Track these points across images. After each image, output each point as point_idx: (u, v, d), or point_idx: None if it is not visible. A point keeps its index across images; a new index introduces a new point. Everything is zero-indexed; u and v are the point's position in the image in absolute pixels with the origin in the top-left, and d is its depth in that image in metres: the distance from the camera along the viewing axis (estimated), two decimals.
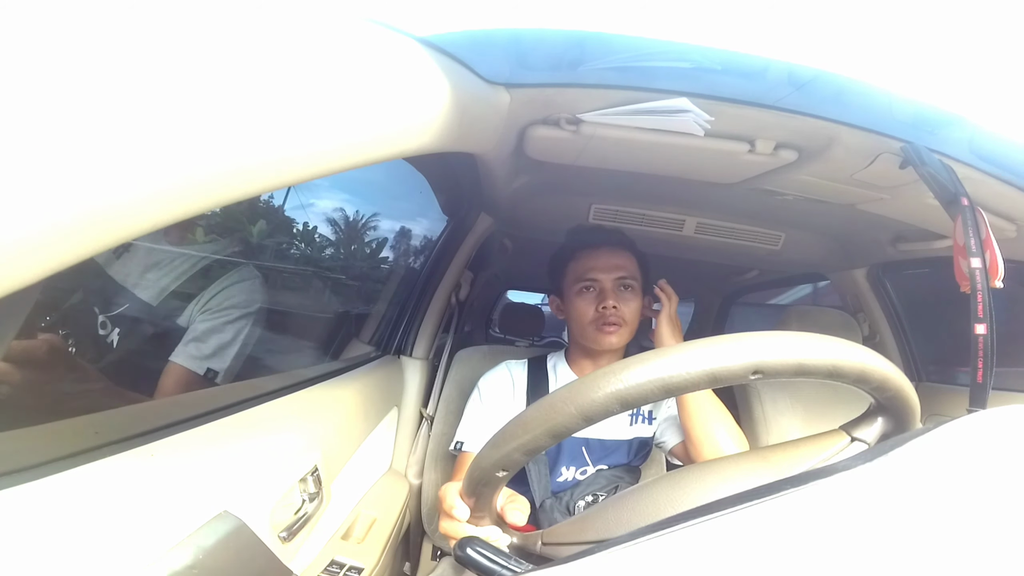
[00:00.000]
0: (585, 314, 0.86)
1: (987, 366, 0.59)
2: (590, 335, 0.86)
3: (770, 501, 0.27)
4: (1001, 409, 0.33)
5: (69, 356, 0.64)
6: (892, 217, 0.93)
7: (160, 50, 0.25)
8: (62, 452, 0.36)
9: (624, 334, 0.85)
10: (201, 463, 0.44)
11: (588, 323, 0.86)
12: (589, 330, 0.86)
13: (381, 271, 1.55)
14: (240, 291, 0.84)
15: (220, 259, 0.86)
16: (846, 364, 0.34)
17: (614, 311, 0.84)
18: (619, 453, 0.89)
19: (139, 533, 0.36)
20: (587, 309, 0.86)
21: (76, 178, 0.22)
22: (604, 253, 0.88)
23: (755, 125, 0.67)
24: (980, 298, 0.60)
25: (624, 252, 0.90)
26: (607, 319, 0.84)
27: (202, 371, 0.77)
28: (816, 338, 0.34)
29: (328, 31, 0.35)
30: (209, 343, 0.79)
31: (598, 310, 0.85)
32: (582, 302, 0.87)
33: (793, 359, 0.33)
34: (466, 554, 0.37)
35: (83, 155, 0.22)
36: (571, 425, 0.33)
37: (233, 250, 0.92)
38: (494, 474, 0.38)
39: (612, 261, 0.87)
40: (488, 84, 0.56)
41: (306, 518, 0.55)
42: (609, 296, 0.84)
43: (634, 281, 0.88)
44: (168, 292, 0.79)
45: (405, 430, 1.05)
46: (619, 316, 0.84)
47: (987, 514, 0.24)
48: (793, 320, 1.28)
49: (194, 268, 0.82)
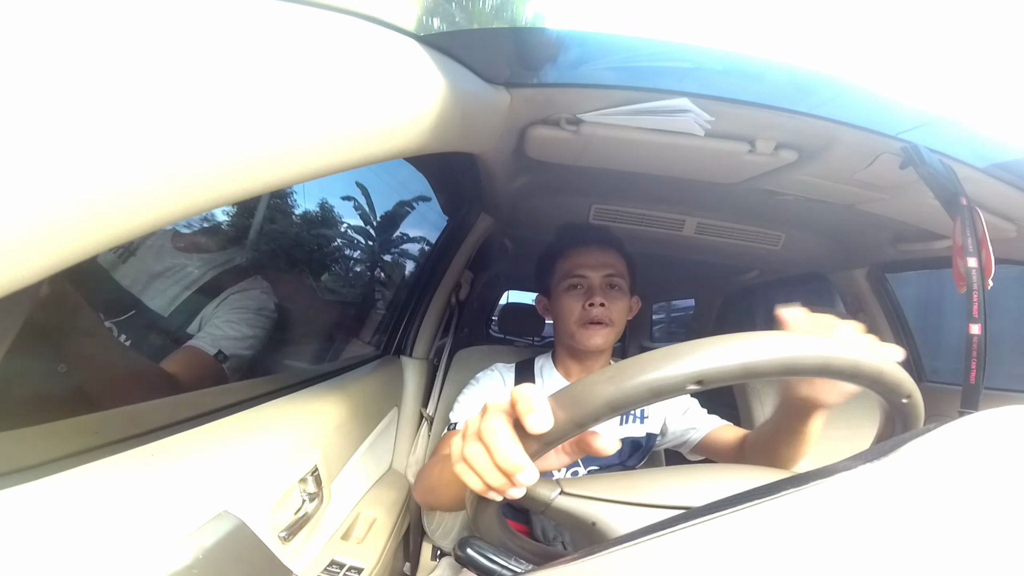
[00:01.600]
0: (571, 312, 0.85)
1: (980, 367, 0.59)
2: (575, 334, 0.85)
3: (770, 501, 0.27)
4: (1000, 410, 0.33)
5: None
6: (892, 217, 0.93)
7: (159, 49, 0.25)
8: (62, 452, 0.36)
9: (609, 335, 0.85)
10: (201, 463, 0.44)
11: (574, 321, 0.85)
12: (575, 329, 0.85)
13: (381, 271, 1.55)
14: (251, 297, 0.86)
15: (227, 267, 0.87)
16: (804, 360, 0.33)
17: (601, 309, 0.83)
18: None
19: (139, 533, 0.36)
20: (574, 307, 0.85)
21: (74, 177, 0.22)
22: (593, 251, 0.88)
23: (755, 125, 0.67)
24: (976, 298, 0.60)
25: (613, 251, 0.89)
26: (593, 317, 0.83)
27: (213, 351, 0.78)
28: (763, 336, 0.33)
29: (328, 30, 0.35)
30: (223, 332, 0.81)
31: (584, 308, 0.84)
32: (569, 299, 0.86)
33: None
34: (466, 554, 0.37)
35: (79, 153, 0.22)
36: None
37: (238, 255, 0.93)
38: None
39: (601, 259, 0.87)
40: (488, 84, 0.56)
41: (306, 518, 0.55)
42: (597, 293, 0.84)
43: (622, 280, 0.87)
44: (179, 300, 0.81)
45: (405, 430, 1.05)
46: (606, 315, 0.84)
47: (986, 514, 0.24)
48: None
49: (204, 276, 0.83)
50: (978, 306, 0.59)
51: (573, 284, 0.87)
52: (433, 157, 0.53)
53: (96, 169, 0.23)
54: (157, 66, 0.25)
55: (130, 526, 0.36)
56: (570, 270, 0.87)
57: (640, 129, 0.66)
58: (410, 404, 1.08)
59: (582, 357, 0.90)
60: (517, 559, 0.40)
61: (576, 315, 0.85)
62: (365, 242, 1.51)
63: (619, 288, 0.87)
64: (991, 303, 0.61)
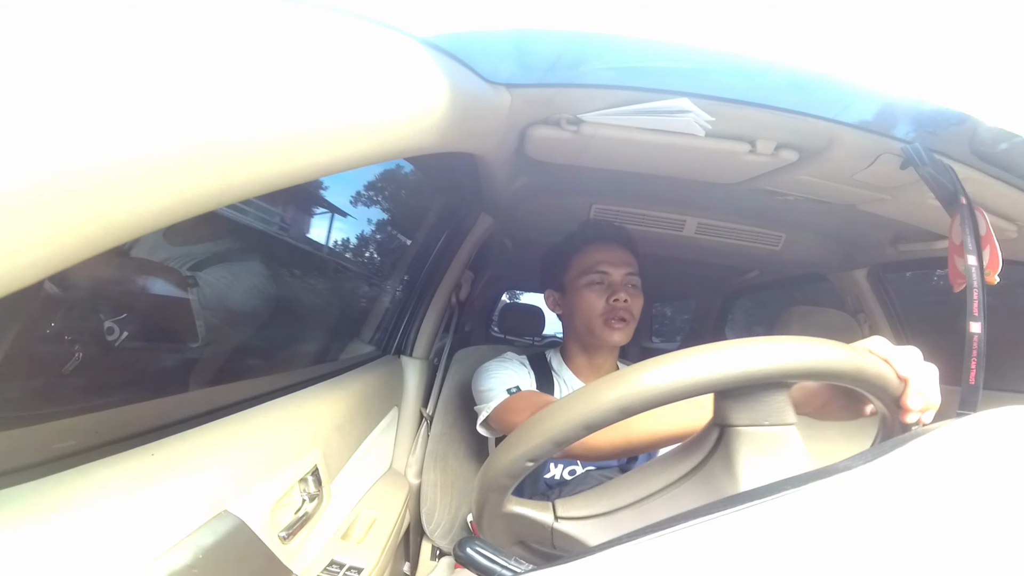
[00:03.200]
0: (595, 306, 0.86)
1: (980, 367, 0.58)
2: (597, 329, 0.86)
3: (770, 501, 0.27)
4: (999, 410, 0.33)
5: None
6: (893, 218, 0.93)
7: (159, 48, 0.25)
8: (62, 452, 0.36)
9: (629, 332, 0.86)
10: (201, 463, 0.44)
11: (597, 316, 0.85)
12: (596, 324, 0.85)
13: (381, 271, 1.55)
14: (251, 271, 0.88)
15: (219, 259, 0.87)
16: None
17: (625, 304, 0.84)
18: None
19: (139, 533, 0.36)
20: (597, 301, 0.86)
21: (74, 177, 0.22)
22: (614, 248, 0.90)
23: (756, 125, 0.67)
24: (976, 296, 0.59)
25: (630, 251, 0.91)
26: (618, 313, 0.84)
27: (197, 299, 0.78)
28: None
29: (329, 30, 0.35)
30: (215, 289, 0.81)
31: (609, 302, 0.85)
32: (591, 294, 0.87)
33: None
34: (466, 554, 0.37)
35: (79, 153, 0.22)
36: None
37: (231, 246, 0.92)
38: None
39: (622, 256, 0.89)
40: (489, 84, 0.56)
41: (306, 518, 0.55)
42: (620, 289, 0.85)
43: (639, 280, 0.89)
44: (180, 296, 0.80)
45: (405, 430, 1.05)
46: (628, 311, 0.85)
47: (985, 514, 0.24)
48: (794, 320, 1.28)
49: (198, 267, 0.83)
50: (978, 304, 0.59)
51: (595, 280, 0.87)
52: (433, 157, 0.53)
53: (96, 168, 0.23)
54: (158, 66, 0.25)
55: (130, 526, 0.36)
56: (592, 265, 0.88)
57: (641, 129, 0.66)
58: (410, 404, 1.08)
59: (594, 353, 0.90)
60: (517, 559, 0.40)
61: (600, 309, 0.85)
62: (365, 242, 1.51)
63: (637, 287, 0.89)
64: (992, 304, 0.60)
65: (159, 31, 0.25)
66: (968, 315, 0.59)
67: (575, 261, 0.90)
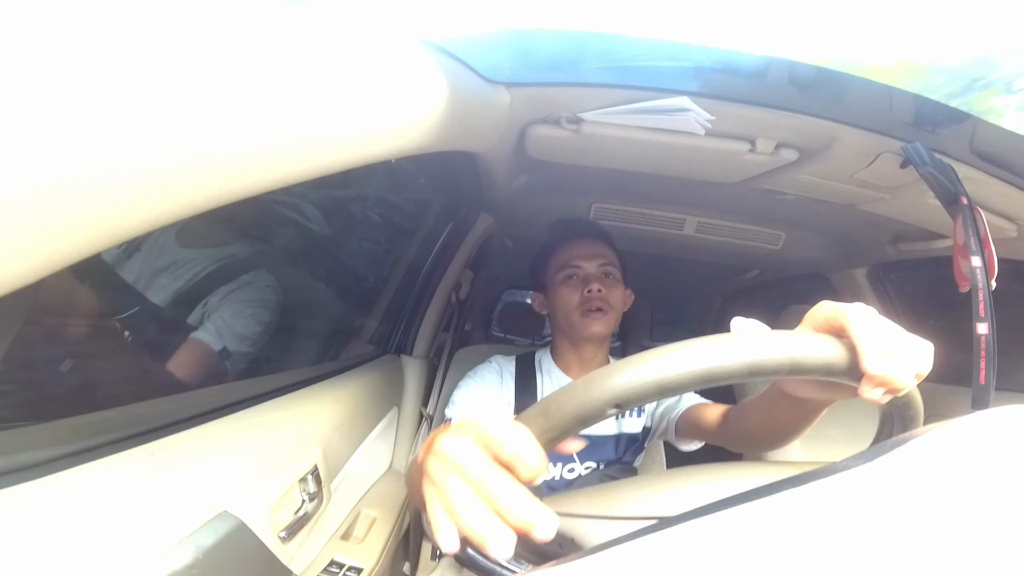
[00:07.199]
0: (570, 300, 0.87)
1: (989, 366, 0.59)
2: (575, 322, 0.87)
3: (769, 500, 0.27)
4: (1001, 409, 0.33)
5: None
6: (893, 217, 0.93)
7: (159, 48, 0.25)
8: (62, 452, 0.36)
9: (609, 322, 0.86)
10: (201, 463, 0.44)
11: (573, 309, 0.87)
12: (574, 316, 0.87)
13: (381, 270, 1.55)
14: (257, 291, 0.87)
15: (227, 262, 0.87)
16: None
17: (599, 294, 0.85)
18: (607, 449, 0.88)
19: (139, 533, 0.36)
20: (572, 296, 0.87)
21: (74, 176, 0.22)
22: (586, 242, 0.91)
23: (756, 124, 0.67)
24: (981, 296, 0.60)
25: (603, 243, 0.93)
26: (593, 303, 0.85)
27: (218, 347, 0.79)
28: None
29: (329, 29, 0.35)
30: (229, 324, 0.81)
31: (583, 294, 0.86)
32: (566, 289, 0.88)
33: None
34: (466, 554, 0.37)
35: (79, 152, 0.22)
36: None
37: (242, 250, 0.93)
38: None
39: (594, 249, 0.90)
40: (489, 83, 0.56)
41: (306, 518, 0.55)
42: (593, 280, 0.86)
43: (615, 269, 0.90)
44: (184, 295, 0.81)
45: (405, 430, 1.05)
46: (604, 301, 0.85)
47: (987, 514, 0.24)
48: (794, 318, 1.28)
49: (205, 270, 0.83)
50: (984, 305, 0.59)
51: (569, 275, 0.89)
52: (433, 156, 0.53)
53: (96, 168, 0.23)
54: (158, 65, 0.25)
55: (130, 526, 0.35)
56: (565, 261, 0.89)
57: (640, 128, 0.66)
58: (410, 403, 1.08)
59: (582, 348, 0.91)
60: (517, 559, 0.40)
61: (576, 302, 0.87)
62: (365, 241, 1.51)
63: (613, 276, 0.89)
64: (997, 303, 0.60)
65: (161, 30, 0.25)
66: (974, 316, 0.60)
67: (552, 261, 0.92)
